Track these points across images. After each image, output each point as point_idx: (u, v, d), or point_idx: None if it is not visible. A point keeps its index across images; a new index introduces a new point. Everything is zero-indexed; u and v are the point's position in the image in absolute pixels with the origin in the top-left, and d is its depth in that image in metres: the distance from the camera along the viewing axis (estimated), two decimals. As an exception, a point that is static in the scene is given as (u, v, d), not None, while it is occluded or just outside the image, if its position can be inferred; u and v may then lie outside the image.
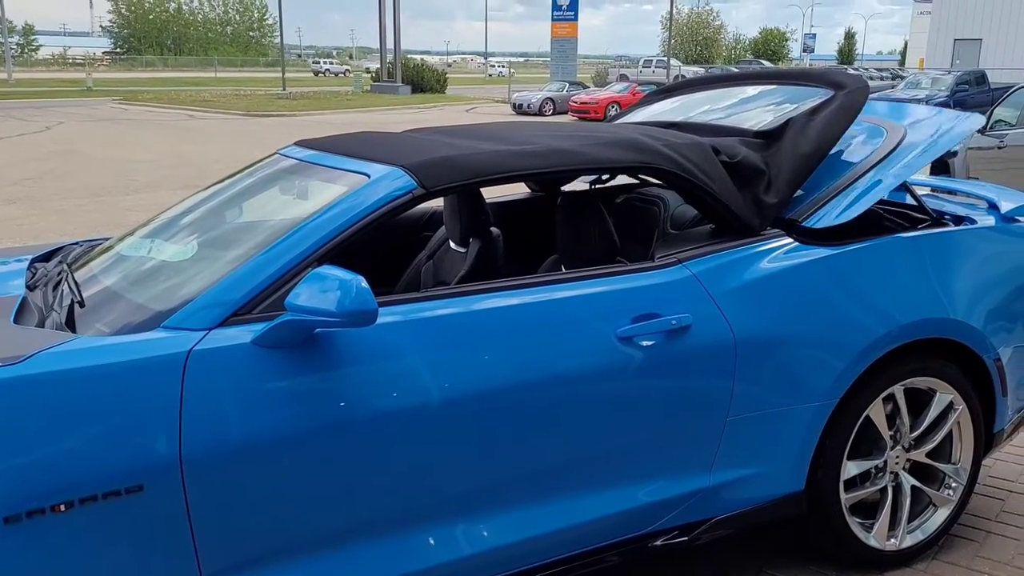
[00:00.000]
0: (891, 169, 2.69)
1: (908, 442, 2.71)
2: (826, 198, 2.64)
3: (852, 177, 2.69)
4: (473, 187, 2.40)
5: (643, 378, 2.27)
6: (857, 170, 2.71)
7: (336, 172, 2.37)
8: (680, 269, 2.39)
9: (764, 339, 2.39)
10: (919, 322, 2.58)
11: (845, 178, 2.69)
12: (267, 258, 2.02)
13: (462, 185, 2.27)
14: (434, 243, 3.40)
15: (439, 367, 2.05)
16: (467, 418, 2.07)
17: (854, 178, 2.68)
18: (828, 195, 2.65)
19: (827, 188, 2.68)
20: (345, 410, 1.95)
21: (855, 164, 2.75)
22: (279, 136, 20.05)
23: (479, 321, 2.14)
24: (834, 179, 2.72)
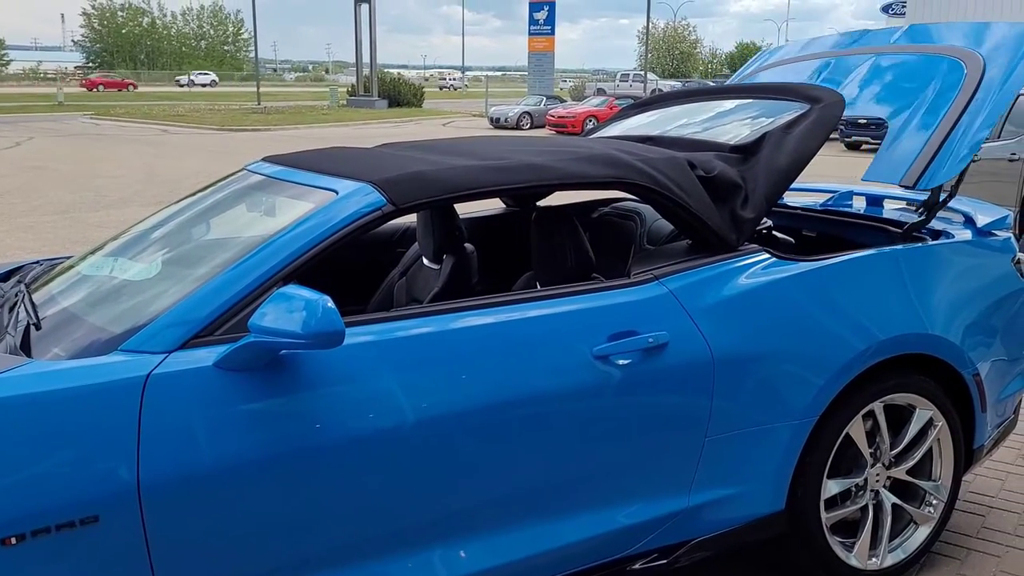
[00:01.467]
0: (980, 117, 2.71)
1: (888, 459, 2.67)
2: (927, 157, 2.69)
3: (945, 129, 2.72)
4: (445, 203, 2.35)
5: (620, 397, 2.22)
6: (948, 120, 2.74)
7: (304, 188, 2.30)
8: (657, 286, 2.35)
9: (742, 356, 2.35)
10: (898, 338, 2.55)
11: (939, 131, 2.74)
12: (230, 277, 1.95)
13: (433, 201, 2.21)
14: (407, 260, 3.35)
15: (410, 389, 1.99)
16: (440, 441, 2.01)
17: (947, 130, 2.72)
18: (928, 154, 2.70)
19: (924, 146, 2.72)
20: (312, 435, 1.88)
21: (943, 112, 2.77)
22: (254, 151, 19.90)
23: (451, 341, 2.08)
24: (926, 132, 2.76)
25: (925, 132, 2.78)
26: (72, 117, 31.43)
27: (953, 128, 2.73)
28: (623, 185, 2.42)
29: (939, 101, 2.84)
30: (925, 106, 2.86)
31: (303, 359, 1.89)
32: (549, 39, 38.59)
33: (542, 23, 38.59)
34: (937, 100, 2.85)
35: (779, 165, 2.63)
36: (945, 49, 3.02)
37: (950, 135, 2.72)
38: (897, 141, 2.86)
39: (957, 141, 2.71)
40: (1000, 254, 2.94)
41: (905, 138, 2.83)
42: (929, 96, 2.89)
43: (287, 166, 2.55)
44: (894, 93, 3.06)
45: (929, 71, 2.98)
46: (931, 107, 2.84)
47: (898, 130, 2.89)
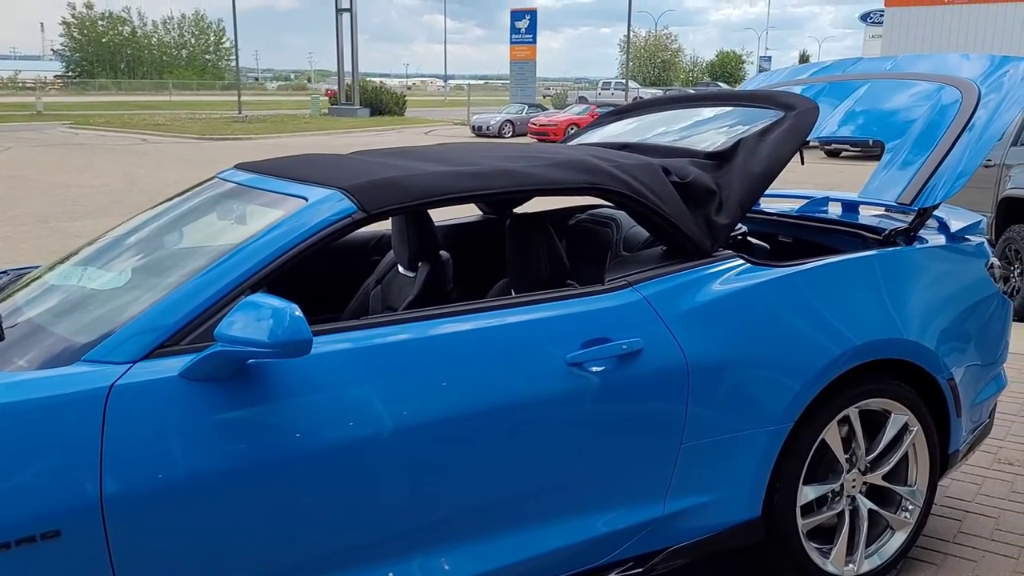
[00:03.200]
0: (977, 138, 2.77)
1: (864, 465, 2.67)
2: (925, 176, 2.75)
3: (943, 150, 2.78)
4: (416, 209, 2.33)
5: (595, 404, 2.21)
6: (945, 141, 2.80)
7: (274, 196, 2.28)
8: (630, 292, 2.34)
9: (717, 362, 2.34)
10: (873, 343, 2.55)
11: (936, 151, 2.79)
12: (197, 286, 1.92)
13: (405, 207, 2.19)
14: (382, 267, 3.32)
15: (382, 398, 1.97)
16: (414, 450, 1.99)
17: (945, 150, 2.77)
18: (926, 173, 2.76)
19: (922, 165, 2.79)
20: (280, 445, 1.85)
21: (940, 134, 2.83)
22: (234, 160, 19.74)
23: (423, 349, 2.06)
24: (924, 153, 2.82)
25: (923, 152, 2.84)
26: (51, 126, 31.18)
27: (951, 149, 2.78)
28: (597, 191, 2.42)
29: (936, 124, 2.90)
30: (922, 128, 2.92)
31: (272, 368, 1.87)
32: (531, 47, 38.72)
33: (523, 31, 38.73)
34: (934, 123, 2.91)
35: (753, 171, 2.64)
36: (941, 77, 3.08)
37: (948, 155, 2.77)
38: (894, 161, 2.90)
39: (955, 161, 2.76)
40: (974, 259, 2.96)
41: (902, 158, 2.88)
42: (926, 119, 2.94)
43: (259, 173, 2.52)
44: (891, 116, 3.12)
45: (925, 97, 3.05)
46: (928, 129, 2.90)
47: (895, 150, 2.93)
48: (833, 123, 3.27)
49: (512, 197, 2.59)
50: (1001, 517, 3.18)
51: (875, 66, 3.46)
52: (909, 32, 28.78)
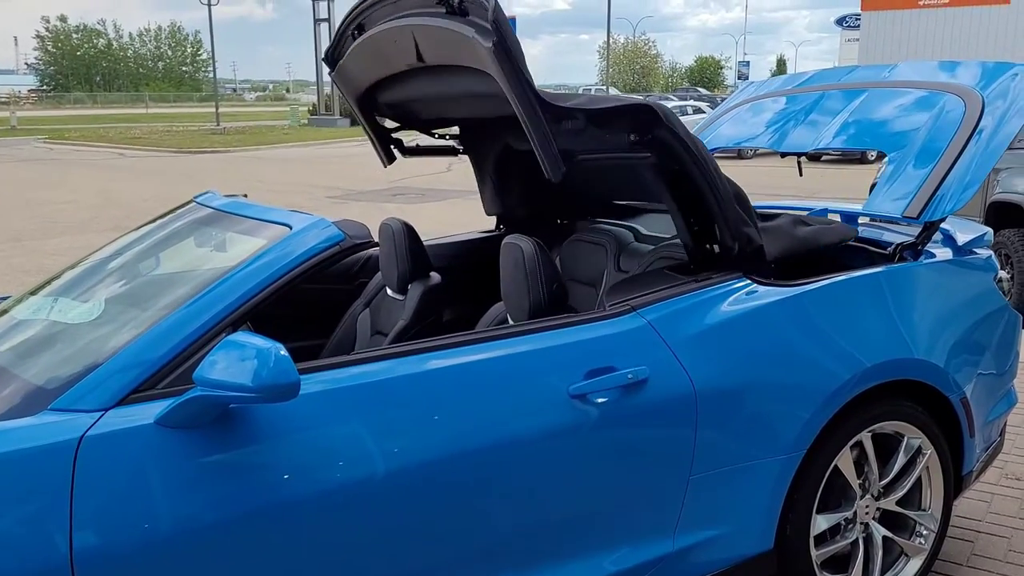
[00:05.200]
0: (986, 147, 2.68)
1: (877, 490, 2.56)
2: (932, 188, 2.65)
3: (948, 160, 2.68)
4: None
5: (599, 438, 2.09)
6: (951, 152, 2.70)
7: (255, 223, 2.15)
8: (634, 317, 2.22)
9: (726, 389, 2.23)
10: (885, 364, 2.45)
11: (942, 163, 2.70)
12: (174, 323, 1.78)
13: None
14: (370, 290, 3.20)
15: (373, 438, 1.84)
16: (407, 492, 1.86)
17: (950, 162, 2.68)
18: (933, 185, 2.66)
19: (927, 177, 2.69)
20: (267, 493, 1.72)
21: (945, 145, 2.74)
22: (213, 173, 19.56)
23: (417, 385, 1.93)
24: (929, 164, 2.72)
25: (928, 163, 2.73)
26: (25, 142, 30.71)
27: (957, 159, 2.68)
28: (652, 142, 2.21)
29: (941, 133, 2.80)
30: (926, 138, 2.82)
31: (255, 413, 1.73)
32: (510, 56, 38.62)
33: (503, 40, 38.62)
34: (938, 132, 2.81)
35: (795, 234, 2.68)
36: (942, 85, 2.99)
37: (954, 166, 2.67)
38: (898, 173, 2.80)
39: (962, 171, 2.66)
40: (982, 273, 2.87)
41: (906, 170, 2.78)
42: (929, 129, 2.84)
43: (238, 197, 2.39)
44: (892, 126, 3.02)
45: (927, 106, 2.95)
46: (932, 139, 2.80)
47: (899, 161, 2.83)
48: (832, 133, 3.18)
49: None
50: (1014, 537, 3.09)
51: (873, 74, 3.38)
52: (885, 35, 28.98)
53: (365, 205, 14.21)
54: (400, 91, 2.80)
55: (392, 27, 2.38)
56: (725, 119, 3.82)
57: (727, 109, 3.91)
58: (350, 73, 2.86)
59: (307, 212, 2.15)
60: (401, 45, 2.39)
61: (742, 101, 3.87)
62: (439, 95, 2.70)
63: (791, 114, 3.43)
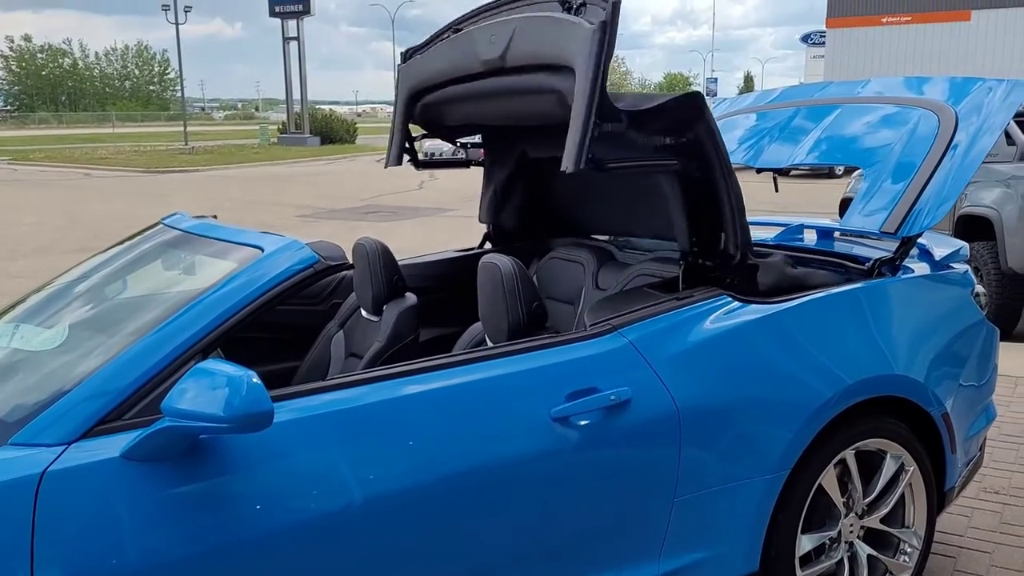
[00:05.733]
0: (962, 161, 2.67)
1: (861, 508, 2.54)
2: (909, 203, 2.64)
3: (924, 175, 2.68)
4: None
5: (583, 461, 2.04)
6: (927, 167, 2.70)
7: (225, 245, 2.09)
8: (616, 337, 2.19)
9: (710, 409, 2.19)
10: (867, 380, 2.43)
11: (918, 178, 2.69)
12: (141, 350, 1.71)
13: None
14: (344, 311, 3.13)
15: (350, 466, 1.78)
16: (385, 522, 1.80)
17: (926, 176, 2.68)
18: (910, 199, 2.65)
19: (904, 192, 2.68)
20: (238, 528, 1.65)
21: (921, 160, 2.74)
22: (182, 193, 19.35)
23: (394, 411, 1.88)
24: (905, 179, 2.72)
25: (903, 179, 2.73)
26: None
27: (933, 174, 2.68)
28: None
29: (916, 148, 2.80)
30: (901, 153, 2.82)
31: (228, 441, 1.67)
32: (480, 74, 38.73)
33: (473, 58, 38.73)
34: (913, 149, 2.81)
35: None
36: (915, 100, 3.00)
37: (930, 180, 2.67)
38: (874, 189, 2.79)
39: (938, 186, 2.66)
40: (960, 287, 2.87)
41: (883, 186, 2.77)
42: (904, 144, 2.84)
43: (208, 219, 2.33)
44: (867, 141, 3.02)
45: (901, 121, 2.95)
46: (908, 154, 2.80)
47: (875, 177, 2.82)
48: (806, 149, 3.18)
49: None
50: (995, 552, 3.08)
51: (846, 90, 3.39)
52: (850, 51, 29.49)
53: (336, 224, 14.11)
54: (451, 92, 2.90)
55: (498, 22, 2.51)
56: None
57: None
58: (418, 68, 3.01)
59: (278, 233, 2.09)
60: (495, 41, 2.50)
61: (716, 118, 3.87)
62: (490, 93, 2.73)
63: (765, 130, 3.43)
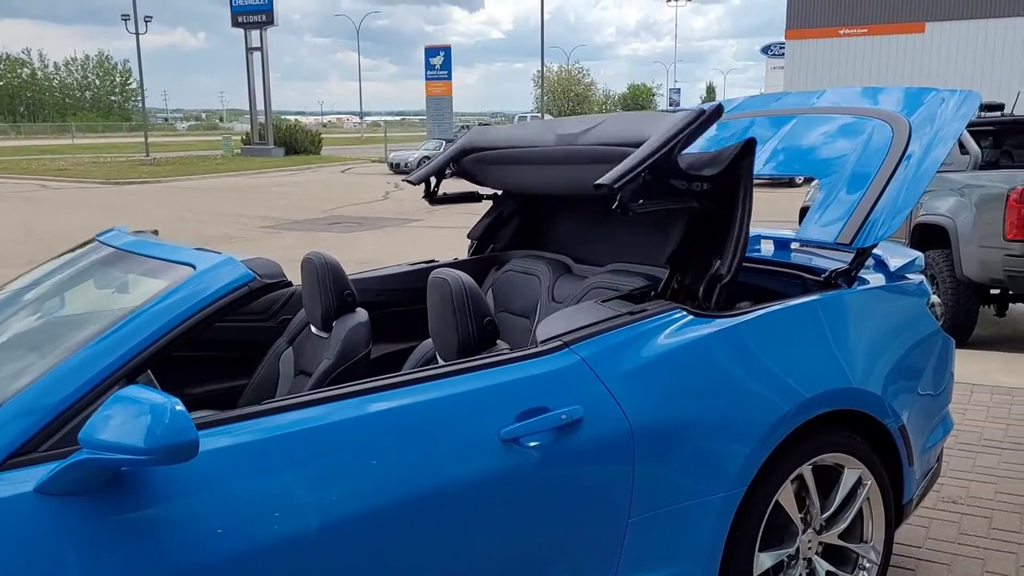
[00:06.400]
0: (915, 172, 2.67)
1: (819, 524, 2.50)
2: (864, 214, 2.63)
3: (879, 186, 2.67)
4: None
5: (533, 483, 1.98)
6: (881, 177, 2.69)
7: (158, 263, 1.99)
8: (567, 354, 2.13)
9: (664, 426, 2.14)
10: (825, 394, 2.39)
11: (872, 188, 2.68)
12: (59, 376, 1.62)
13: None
14: (293, 328, 3.04)
15: (291, 496, 1.70)
16: (328, 551, 1.72)
17: (881, 187, 2.66)
18: (864, 210, 2.64)
19: (859, 203, 2.67)
20: (167, 563, 1.56)
21: (875, 170, 2.73)
22: (141, 204, 19.02)
23: (339, 435, 1.80)
24: (860, 190, 2.70)
25: (858, 190, 2.72)
26: (-58, 174, 29.54)
27: (887, 184, 2.67)
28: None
29: (870, 159, 2.79)
30: (856, 164, 2.81)
31: (151, 474, 1.58)
32: (446, 83, 38.74)
33: (438, 68, 38.73)
34: (868, 158, 2.80)
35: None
36: (870, 111, 2.99)
37: (884, 191, 2.66)
38: (830, 199, 2.78)
39: (893, 197, 2.65)
40: (915, 298, 2.85)
41: (838, 196, 2.76)
42: (859, 154, 2.83)
43: (144, 235, 2.24)
44: (822, 152, 3.01)
45: (855, 132, 2.94)
46: (862, 165, 2.79)
47: (830, 187, 2.81)
48: (763, 160, 3.16)
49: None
50: (954, 564, 3.06)
51: (801, 101, 3.38)
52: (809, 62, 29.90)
53: (299, 234, 13.95)
54: (506, 154, 3.21)
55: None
56: None
57: None
58: (490, 132, 3.41)
59: (216, 250, 2.00)
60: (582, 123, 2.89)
61: None
62: (550, 159, 2.98)
63: (722, 140, 3.40)
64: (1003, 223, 5.92)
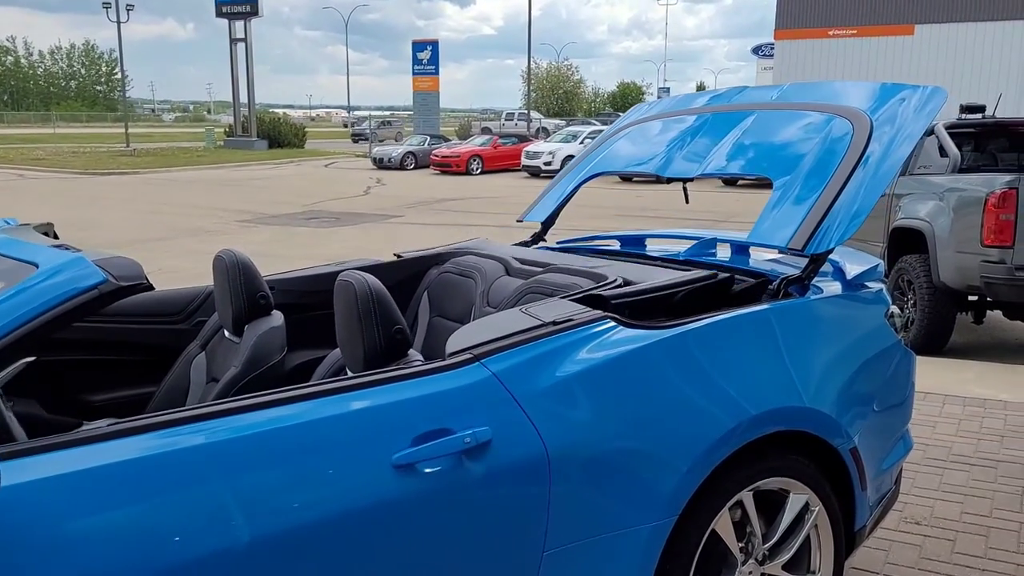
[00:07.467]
0: (874, 173, 2.48)
1: (762, 554, 2.30)
2: (818, 217, 2.44)
3: (835, 188, 2.48)
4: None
5: (430, 515, 1.76)
6: (837, 179, 2.49)
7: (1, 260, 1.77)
8: (477, 368, 1.91)
9: (585, 450, 1.93)
10: (772, 412, 2.19)
11: (828, 190, 2.48)
12: None
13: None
14: (207, 331, 2.82)
15: (133, 536, 1.48)
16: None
17: (837, 188, 2.47)
18: (819, 213, 2.44)
19: (813, 205, 2.47)
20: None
21: (832, 171, 2.53)
22: (118, 195, 18.69)
23: (196, 462, 1.58)
24: (815, 192, 2.50)
25: (814, 190, 2.51)
26: (-83, 162, 29.06)
27: (844, 186, 2.47)
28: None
29: (827, 159, 2.58)
30: (812, 164, 2.60)
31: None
32: (433, 79, 38.45)
33: (426, 63, 38.45)
34: (825, 158, 2.59)
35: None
36: (830, 107, 2.78)
37: (841, 193, 2.46)
38: (783, 201, 2.57)
39: (849, 200, 2.45)
40: (874, 307, 2.65)
41: (793, 196, 2.55)
42: (816, 154, 2.62)
43: (20, 229, 2.01)
44: (779, 150, 2.79)
45: (814, 129, 2.73)
46: (819, 165, 2.58)
47: (785, 188, 2.60)
48: (720, 158, 2.94)
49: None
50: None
51: (761, 95, 3.17)
52: (798, 63, 29.79)
53: (276, 229, 13.70)
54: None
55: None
56: (615, 140, 3.57)
57: (617, 130, 3.67)
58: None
59: (74, 248, 1.78)
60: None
61: (631, 122, 3.63)
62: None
63: (677, 138, 3.20)
64: (981, 228, 5.74)
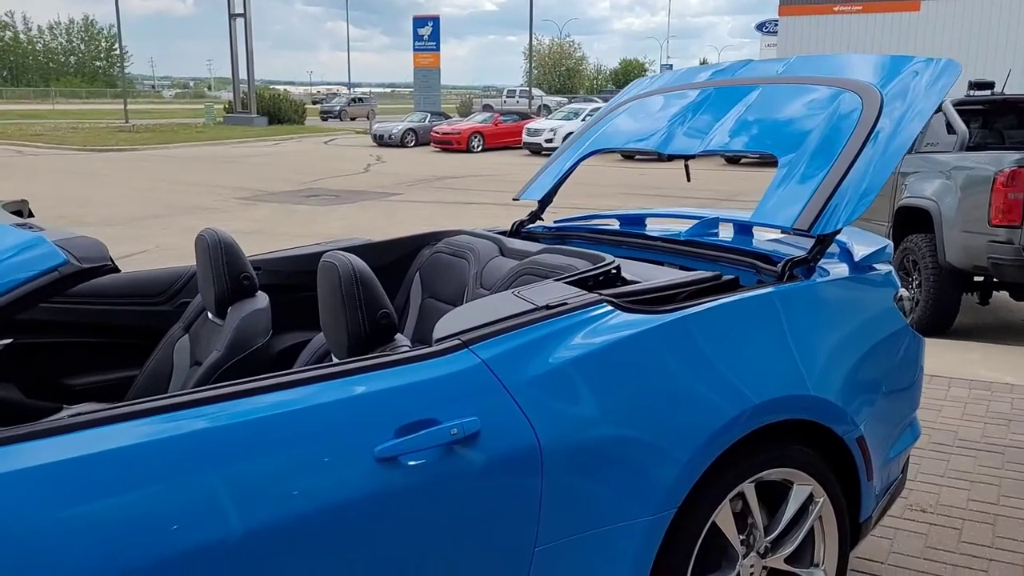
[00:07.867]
0: (884, 150, 2.37)
1: (763, 547, 2.21)
2: (825, 196, 2.33)
3: (843, 165, 2.36)
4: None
5: (413, 512, 1.67)
6: (846, 156, 2.38)
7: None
8: (466, 355, 1.81)
9: (579, 440, 1.84)
10: (774, 401, 2.09)
11: (836, 168, 2.37)
12: None
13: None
14: (190, 313, 2.73)
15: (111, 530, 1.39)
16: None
17: (845, 166, 2.36)
18: (826, 192, 2.34)
19: (820, 183, 2.36)
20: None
21: (840, 147, 2.41)
22: (115, 172, 18.55)
23: (170, 453, 1.49)
24: (822, 169, 2.39)
25: (822, 168, 2.40)
26: (-85, 138, 28.90)
27: (852, 163, 2.35)
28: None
29: (835, 135, 2.46)
30: (820, 140, 2.48)
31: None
32: (434, 55, 38.10)
33: (427, 39, 38.08)
34: (833, 134, 2.47)
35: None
36: (839, 81, 2.65)
37: (849, 171, 2.34)
38: (788, 179, 2.46)
39: (858, 178, 2.33)
40: (882, 290, 2.55)
41: (799, 174, 2.44)
42: (824, 130, 2.50)
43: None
44: (784, 126, 2.67)
45: (822, 104, 2.61)
46: (826, 141, 2.46)
47: (791, 165, 2.48)
48: (723, 134, 2.82)
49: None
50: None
51: (766, 69, 3.04)
52: (802, 40, 29.46)
53: (274, 206, 13.58)
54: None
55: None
56: (615, 115, 3.45)
57: (617, 105, 3.55)
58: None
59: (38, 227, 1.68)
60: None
61: (632, 97, 3.51)
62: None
63: (678, 114, 3.08)
64: (989, 207, 5.62)
